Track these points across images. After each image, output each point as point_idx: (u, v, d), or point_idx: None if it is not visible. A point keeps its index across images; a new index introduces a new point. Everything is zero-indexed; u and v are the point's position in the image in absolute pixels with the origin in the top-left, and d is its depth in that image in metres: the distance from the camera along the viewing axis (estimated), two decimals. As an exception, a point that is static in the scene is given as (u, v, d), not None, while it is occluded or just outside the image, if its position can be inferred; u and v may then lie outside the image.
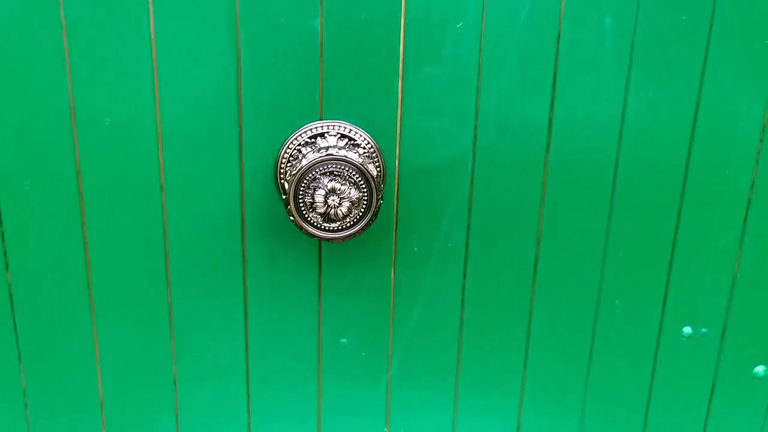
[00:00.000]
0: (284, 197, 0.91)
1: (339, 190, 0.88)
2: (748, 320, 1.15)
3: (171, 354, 1.08)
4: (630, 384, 1.18)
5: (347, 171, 0.89)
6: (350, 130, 0.94)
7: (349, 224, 0.91)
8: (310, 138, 0.93)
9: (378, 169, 0.93)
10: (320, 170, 0.89)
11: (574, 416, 1.18)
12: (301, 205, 0.90)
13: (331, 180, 0.88)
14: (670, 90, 1.00)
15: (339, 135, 0.93)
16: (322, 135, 0.93)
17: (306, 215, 0.90)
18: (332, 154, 0.88)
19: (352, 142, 0.93)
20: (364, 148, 0.94)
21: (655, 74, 1.00)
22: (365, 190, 0.89)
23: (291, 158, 0.93)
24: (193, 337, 1.07)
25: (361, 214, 0.90)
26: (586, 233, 1.08)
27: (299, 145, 0.93)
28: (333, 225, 0.91)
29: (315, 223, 0.90)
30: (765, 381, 1.20)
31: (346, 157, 0.88)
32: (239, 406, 1.14)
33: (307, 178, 0.88)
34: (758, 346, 1.18)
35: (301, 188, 0.89)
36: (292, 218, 0.90)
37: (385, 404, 1.16)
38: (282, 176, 0.93)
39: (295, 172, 0.89)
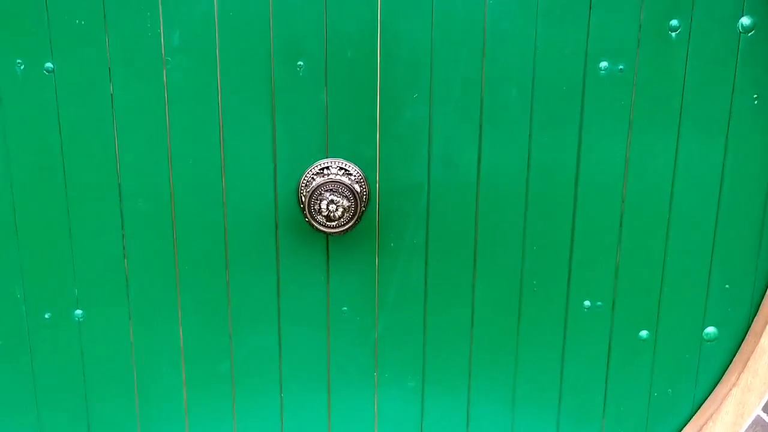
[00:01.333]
0: (302, 206, 1.44)
1: (336, 201, 1.42)
2: (630, 295, 1.64)
3: (228, 314, 1.61)
4: (547, 341, 1.67)
5: (341, 189, 1.42)
6: (345, 164, 1.48)
7: (342, 223, 1.44)
8: (319, 170, 1.47)
9: (362, 188, 1.46)
10: (324, 189, 1.42)
11: (509, 359, 1.67)
12: (312, 211, 1.43)
13: (331, 195, 1.42)
14: (560, 137, 1.52)
15: (338, 167, 1.47)
16: (327, 167, 1.47)
17: (315, 217, 1.43)
18: (332, 179, 1.41)
19: (346, 171, 1.47)
20: (353, 175, 1.47)
21: (549, 126, 1.51)
22: (352, 201, 1.42)
23: (307, 183, 1.47)
24: (243, 301, 1.60)
25: (350, 216, 1.43)
26: (510, 234, 1.59)
27: (312, 174, 1.47)
28: (332, 223, 1.44)
29: (321, 222, 1.44)
30: (649, 342, 1.68)
31: (341, 180, 1.42)
32: (273, 357, 1.66)
33: (316, 193, 1.42)
34: (641, 315, 1.66)
35: (312, 200, 1.42)
36: (306, 219, 1.44)
37: (373, 355, 1.67)
38: (301, 193, 1.46)
39: (309, 190, 1.43)
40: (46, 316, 1.60)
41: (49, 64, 1.46)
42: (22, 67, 1.46)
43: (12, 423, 1.67)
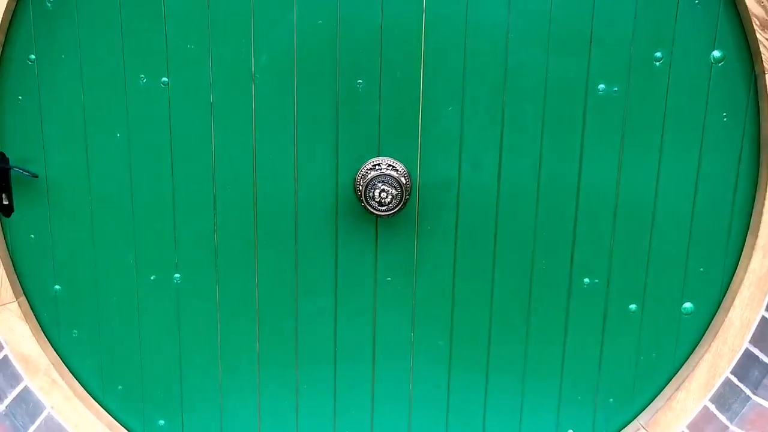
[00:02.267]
0: (358, 194, 1.84)
1: (386, 190, 1.81)
2: (621, 275, 2.01)
3: (295, 280, 2.01)
4: (553, 312, 2.04)
5: (390, 181, 1.82)
6: (393, 162, 1.87)
7: (391, 208, 1.83)
8: (372, 165, 1.86)
9: (406, 181, 1.86)
10: (377, 180, 1.82)
11: (522, 326, 2.05)
12: (368, 197, 1.82)
13: (382, 185, 1.81)
14: (566, 144, 1.90)
15: (387, 164, 1.86)
16: (378, 164, 1.87)
17: (370, 203, 1.83)
18: (383, 173, 1.81)
19: (393, 167, 1.86)
20: (399, 171, 1.86)
21: (558, 135, 1.90)
22: (399, 190, 1.81)
23: (363, 175, 1.87)
24: (307, 270, 2.00)
25: (397, 203, 1.82)
26: (524, 223, 1.97)
27: (367, 169, 1.87)
28: (383, 208, 1.83)
29: (374, 207, 1.83)
30: (637, 314, 2.05)
31: (390, 174, 1.82)
32: (329, 318, 2.05)
33: (371, 184, 1.82)
34: (631, 291, 2.03)
35: (368, 189, 1.82)
36: (362, 204, 1.83)
37: (411, 317, 2.05)
38: (358, 184, 1.86)
39: (365, 182, 1.82)
40: (152, 278, 2.01)
41: (164, 79, 1.88)
42: (144, 81, 1.88)
43: (119, 368, 2.08)
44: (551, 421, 2.12)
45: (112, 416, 2.10)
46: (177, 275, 2.01)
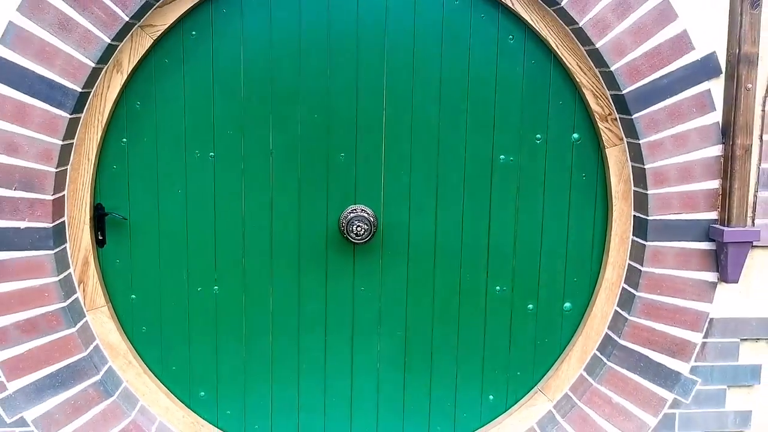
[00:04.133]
0: (342, 229, 2.79)
1: (361, 226, 2.75)
2: (522, 284, 2.95)
3: (297, 291, 2.92)
4: (475, 312, 2.97)
5: (363, 220, 2.76)
6: (365, 208, 2.82)
7: (364, 238, 2.77)
8: (351, 210, 2.81)
9: (374, 220, 2.80)
10: (355, 219, 2.76)
11: (454, 323, 2.97)
12: (348, 231, 2.77)
13: (358, 222, 2.76)
14: (480, 199, 2.87)
15: (361, 209, 2.81)
16: (355, 209, 2.81)
17: (350, 234, 2.77)
18: (358, 214, 2.76)
19: (365, 211, 2.81)
20: (369, 213, 2.81)
21: (475, 193, 2.86)
22: (369, 226, 2.76)
23: (345, 217, 2.81)
24: (306, 284, 2.91)
25: (368, 234, 2.77)
26: (454, 250, 2.91)
27: (348, 212, 2.81)
28: (358, 238, 2.77)
29: (352, 237, 2.77)
30: (533, 312, 2.99)
31: (363, 215, 2.77)
32: (320, 317, 2.96)
33: (350, 222, 2.76)
34: (529, 295, 2.97)
35: (349, 225, 2.76)
36: (345, 235, 2.77)
37: (378, 315, 2.96)
38: (342, 222, 2.81)
39: (347, 220, 2.77)
40: (198, 289, 2.91)
41: (212, 153, 2.82)
42: (198, 155, 2.82)
43: (173, 355, 2.95)
44: (477, 390, 3.03)
45: (167, 389, 2.97)
46: (216, 287, 2.91)
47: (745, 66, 2.59)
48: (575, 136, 2.86)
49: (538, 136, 2.86)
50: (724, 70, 2.66)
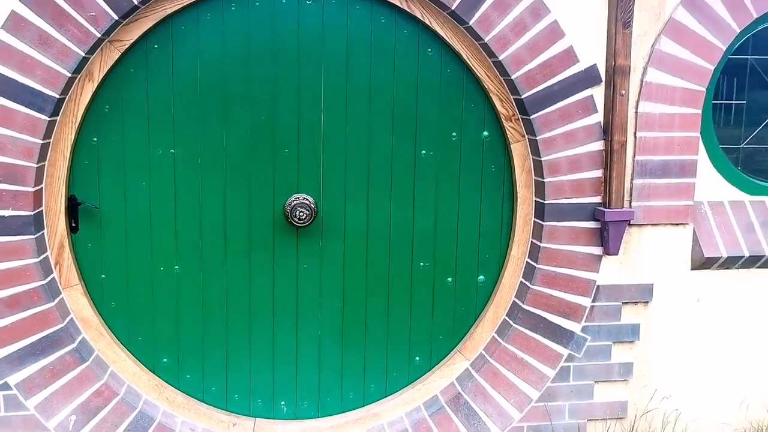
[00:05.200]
0: (286, 214, 3.24)
1: (303, 211, 3.22)
2: (443, 260, 3.46)
3: (249, 269, 3.37)
4: (402, 285, 3.46)
5: (305, 206, 3.23)
6: (306, 196, 3.29)
7: (306, 222, 3.24)
8: (294, 198, 3.27)
9: (314, 206, 3.27)
10: (298, 206, 3.22)
11: (383, 295, 3.46)
12: (292, 217, 3.23)
13: (301, 208, 3.22)
14: (405, 189, 3.36)
15: (303, 197, 3.28)
16: (298, 197, 3.27)
17: (293, 219, 3.23)
18: (301, 202, 3.22)
19: (306, 199, 3.27)
20: (310, 201, 3.28)
21: (400, 185, 3.35)
22: (310, 212, 3.23)
23: (289, 204, 3.27)
24: (256, 262, 3.36)
25: (309, 219, 3.23)
26: (384, 230, 3.40)
27: (291, 200, 3.27)
28: (301, 222, 3.23)
29: (296, 222, 3.23)
30: (452, 284, 3.49)
31: (305, 203, 3.23)
32: (268, 291, 3.41)
33: (294, 208, 3.22)
34: (448, 270, 3.48)
35: (293, 211, 3.22)
36: (289, 220, 3.23)
37: (319, 290, 3.43)
38: (286, 208, 3.26)
39: (290, 207, 3.23)
40: (161, 269, 3.33)
41: (172, 150, 3.24)
42: (159, 152, 3.24)
43: (139, 327, 3.37)
44: (405, 352, 3.53)
45: (135, 357, 3.38)
46: (177, 267, 3.34)
47: (620, 76, 3.14)
48: (485, 134, 3.38)
49: (454, 134, 3.36)
50: (603, 79, 3.21)
